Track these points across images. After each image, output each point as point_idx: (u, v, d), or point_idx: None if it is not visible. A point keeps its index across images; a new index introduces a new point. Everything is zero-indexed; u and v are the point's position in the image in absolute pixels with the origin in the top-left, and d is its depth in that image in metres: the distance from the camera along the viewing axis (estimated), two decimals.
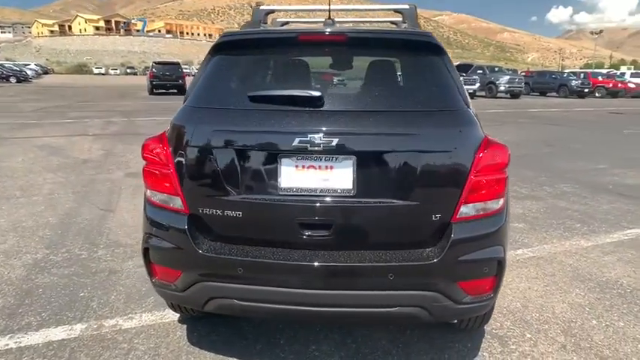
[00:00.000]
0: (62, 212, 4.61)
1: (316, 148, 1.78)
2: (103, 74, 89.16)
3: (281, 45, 2.11)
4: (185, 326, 2.59)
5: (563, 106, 21.58)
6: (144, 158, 2.04)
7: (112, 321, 2.63)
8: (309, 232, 1.86)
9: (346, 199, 1.84)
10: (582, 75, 30.94)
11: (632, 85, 30.34)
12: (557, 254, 3.70)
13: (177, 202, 1.95)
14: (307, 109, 1.85)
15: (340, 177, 1.83)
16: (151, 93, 25.02)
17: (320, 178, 1.84)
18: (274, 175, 1.85)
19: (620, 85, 30.28)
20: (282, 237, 1.90)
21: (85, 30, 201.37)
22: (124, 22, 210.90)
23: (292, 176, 1.85)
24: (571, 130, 12.17)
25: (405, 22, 2.71)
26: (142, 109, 16.49)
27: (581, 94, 28.72)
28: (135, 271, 3.29)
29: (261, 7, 2.71)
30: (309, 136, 1.78)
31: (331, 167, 1.83)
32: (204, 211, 1.91)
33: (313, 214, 1.85)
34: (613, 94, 29.73)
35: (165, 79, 25.22)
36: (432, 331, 2.55)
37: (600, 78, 31.35)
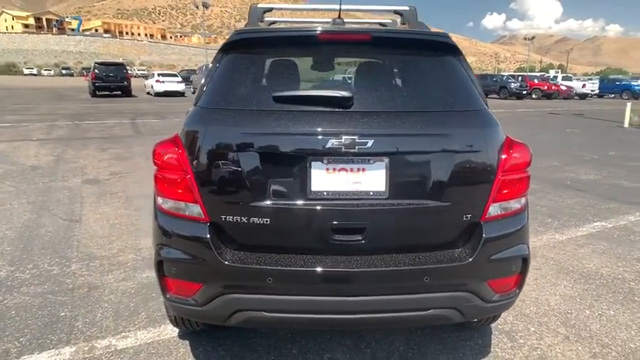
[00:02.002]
0: (20, 224, 4.20)
1: (350, 150, 1.71)
2: (34, 75, 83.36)
3: (300, 44, 2.02)
4: (187, 342, 2.42)
5: (506, 107, 22.74)
6: (156, 164, 1.87)
7: (104, 342, 2.41)
8: (342, 237, 1.78)
9: (379, 202, 1.78)
10: (520, 78, 32.80)
11: (564, 88, 32.62)
12: (538, 248, 3.85)
13: (195, 210, 1.81)
14: (337, 109, 1.78)
15: (373, 179, 1.77)
16: (93, 95, 23.72)
17: (351, 180, 1.77)
18: (303, 178, 1.76)
19: (553, 87, 32.44)
20: (312, 243, 1.81)
21: (13, 27, 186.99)
22: (57, 20, 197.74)
23: (322, 179, 1.76)
24: (520, 129, 12.83)
25: (404, 24, 2.70)
26: (86, 112, 15.54)
27: (519, 96, 30.45)
28: (117, 285, 3.05)
29: (259, 6, 2.58)
30: (344, 137, 1.71)
31: (363, 169, 1.77)
32: (227, 219, 1.78)
33: (345, 218, 1.77)
34: (547, 95, 31.73)
35: (109, 80, 24.00)
36: (442, 331, 2.55)
37: (536, 81, 33.46)
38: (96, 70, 23.82)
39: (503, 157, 1.86)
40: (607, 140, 11.39)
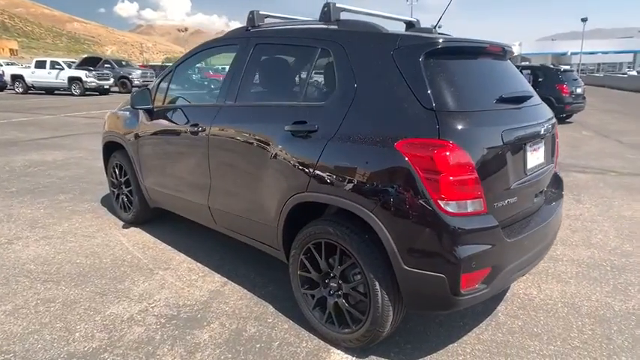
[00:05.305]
0: None
1: (546, 134, 2.49)
2: None
3: (476, 52, 2.44)
4: (374, 357, 2.40)
5: None
6: (445, 169, 1.92)
7: None
8: (536, 199, 2.51)
9: (544, 169, 2.60)
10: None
11: None
12: None
13: (479, 205, 2.03)
14: (526, 105, 2.45)
15: (541, 154, 2.56)
16: None
17: (535, 157, 2.49)
18: (523, 160, 2.35)
19: None
20: (528, 206, 2.44)
21: None
22: None
23: (529, 159, 2.40)
24: None
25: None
26: None
27: None
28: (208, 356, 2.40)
29: (337, 5, 2.65)
30: (545, 125, 2.46)
31: (539, 148, 2.52)
32: (497, 205, 2.13)
33: (539, 184, 2.50)
34: None
35: None
36: None
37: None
38: None
39: (556, 130, 2.95)
40: None
